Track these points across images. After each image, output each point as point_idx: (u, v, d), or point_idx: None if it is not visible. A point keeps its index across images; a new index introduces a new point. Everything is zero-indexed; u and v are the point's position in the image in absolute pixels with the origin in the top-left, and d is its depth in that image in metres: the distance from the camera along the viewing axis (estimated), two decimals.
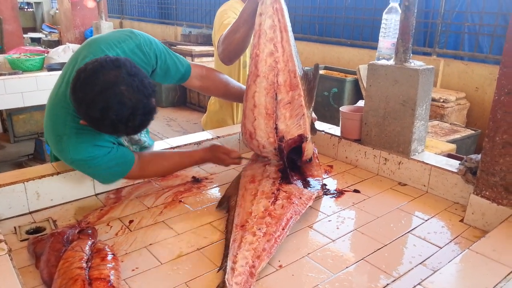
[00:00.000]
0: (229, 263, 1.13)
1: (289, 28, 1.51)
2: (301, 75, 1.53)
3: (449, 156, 2.65)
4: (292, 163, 1.65)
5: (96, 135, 1.38)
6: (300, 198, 1.43)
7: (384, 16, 1.66)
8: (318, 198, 1.56)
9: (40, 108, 4.50)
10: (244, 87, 1.73)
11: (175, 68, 1.61)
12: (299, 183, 1.55)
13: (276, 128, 1.54)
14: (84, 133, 1.36)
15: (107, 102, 1.19)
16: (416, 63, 1.62)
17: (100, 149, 1.41)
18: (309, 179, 1.61)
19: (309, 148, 1.61)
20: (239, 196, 1.45)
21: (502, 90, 1.26)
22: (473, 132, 3.74)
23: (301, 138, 1.56)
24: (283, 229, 1.28)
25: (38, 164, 3.90)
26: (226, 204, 1.50)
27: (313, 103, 1.59)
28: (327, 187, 1.67)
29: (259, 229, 1.25)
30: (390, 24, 1.63)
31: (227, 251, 1.20)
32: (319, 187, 1.58)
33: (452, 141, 3.51)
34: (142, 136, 1.65)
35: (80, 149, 1.38)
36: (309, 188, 1.55)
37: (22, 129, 4.70)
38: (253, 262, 1.13)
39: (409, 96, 1.60)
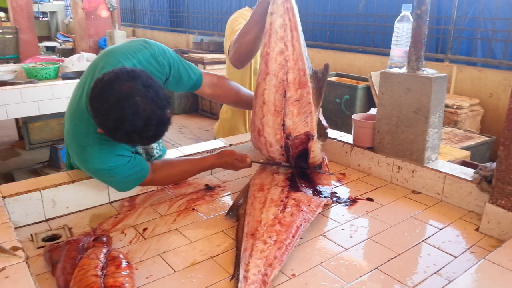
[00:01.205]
0: (242, 272, 1.13)
1: (300, 28, 1.54)
2: (311, 74, 1.55)
3: (463, 163, 2.62)
4: (301, 172, 1.65)
5: (117, 144, 1.41)
6: (309, 205, 1.43)
7: (396, 24, 1.66)
8: (327, 206, 1.56)
9: (55, 116, 4.57)
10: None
11: (187, 76, 1.64)
12: (308, 191, 1.55)
13: (283, 125, 1.56)
14: (106, 143, 1.39)
15: (122, 113, 1.22)
16: (429, 71, 1.61)
17: (122, 158, 1.44)
18: (319, 187, 1.61)
19: (316, 149, 1.61)
20: (248, 205, 1.46)
21: None
22: (487, 138, 3.70)
23: (308, 137, 1.57)
24: (293, 236, 1.28)
25: (53, 171, 3.98)
26: (235, 212, 1.51)
27: (321, 102, 1.60)
28: (338, 195, 1.67)
29: (270, 237, 1.26)
30: (402, 33, 1.63)
31: (239, 259, 1.21)
32: (328, 195, 1.58)
33: (466, 148, 3.47)
34: (155, 145, 1.68)
35: (104, 159, 1.41)
36: (319, 196, 1.55)
37: (37, 137, 4.77)
38: (265, 270, 1.14)
39: (422, 104, 1.59)
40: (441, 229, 1.43)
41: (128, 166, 1.46)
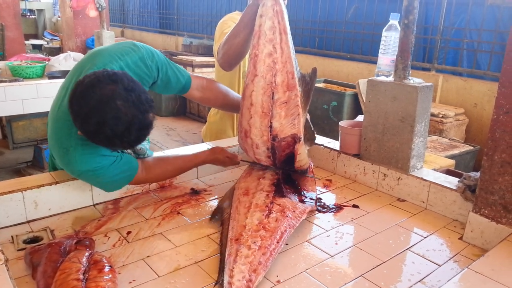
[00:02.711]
0: (226, 278, 1.12)
1: (288, 31, 1.54)
2: (299, 77, 1.56)
3: (448, 171, 2.65)
4: (286, 177, 1.65)
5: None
6: (294, 211, 1.43)
7: (384, 33, 1.67)
8: (312, 212, 1.56)
9: (39, 115, 4.50)
10: None
11: (176, 79, 1.63)
12: (293, 197, 1.55)
13: (270, 127, 1.56)
14: (90, 144, 1.36)
15: (102, 117, 1.20)
16: (415, 80, 1.63)
17: (107, 158, 1.42)
18: (304, 192, 1.62)
19: (302, 152, 1.61)
20: (232, 209, 1.45)
21: (500, 109, 1.27)
22: (472, 148, 3.76)
23: (294, 140, 1.57)
24: (277, 242, 1.28)
25: (37, 171, 3.92)
26: (219, 216, 1.50)
27: (308, 105, 1.61)
28: (323, 201, 1.67)
29: (254, 242, 1.25)
30: (390, 41, 1.65)
31: (223, 265, 1.20)
32: (313, 202, 1.58)
33: (451, 157, 3.52)
34: (143, 146, 1.66)
35: (87, 160, 1.39)
36: (304, 202, 1.55)
37: (21, 136, 4.69)
38: (249, 276, 1.13)
39: (408, 113, 1.61)
40: (425, 237, 1.44)
41: (114, 166, 1.44)
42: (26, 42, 8.50)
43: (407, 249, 1.37)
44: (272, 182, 1.59)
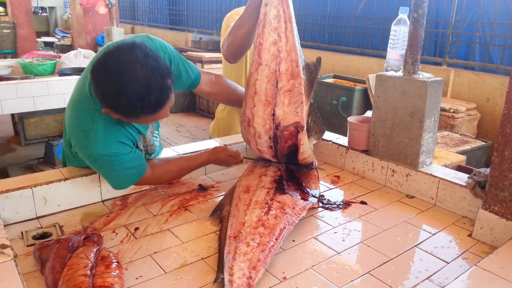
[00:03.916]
0: (226, 276, 1.12)
1: (293, 19, 1.54)
2: (303, 66, 1.55)
3: (459, 167, 2.62)
4: (289, 174, 1.64)
5: (121, 131, 1.44)
6: (294, 208, 1.43)
7: (393, 27, 1.65)
8: (314, 208, 1.55)
9: (51, 112, 4.55)
10: None
11: (186, 74, 1.67)
12: (294, 194, 1.54)
13: (273, 115, 1.55)
14: (111, 130, 1.41)
15: (122, 81, 1.25)
16: (424, 75, 1.61)
17: (124, 147, 1.45)
18: (306, 189, 1.61)
19: (305, 142, 1.60)
20: (232, 206, 1.45)
21: (511, 104, 1.24)
22: (483, 143, 3.70)
23: (297, 129, 1.56)
24: (276, 239, 1.27)
25: (48, 167, 3.96)
26: (219, 213, 1.50)
27: (312, 94, 1.61)
28: (330, 198, 1.66)
29: (253, 239, 1.25)
30: (399, 36, 1.63)
31: (222, 262, 1.19)
32: (315, 199, 1.57)
33: (462, 152, 3.48)
34: (154, 142, 1.67)
35: (107, 144, 1.41)
36: (306, 199, 1.54)
37: (33, 133, 4.75)
38: (249, 273, 1.13)
39: (417, 108, 1.59)
40: (434, 234, 1.43)
41: (129, 157, 1.46)
42: (38, 39, 8.59)
43: (415, 246, 1.36)
44: (274, 179, 1.59)
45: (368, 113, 2.16)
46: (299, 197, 1.54)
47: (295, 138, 1.57)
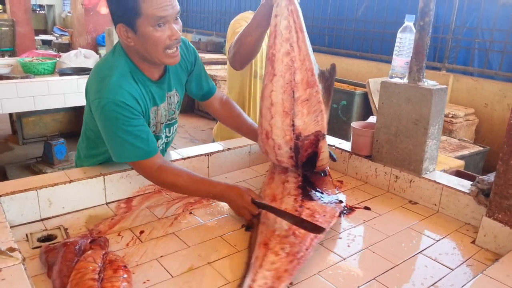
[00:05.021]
0: (248, 281, 1.11)
1: (304, 29, 1.55)
2: (318, 74, 1.55)
3: (457, 173, 2.64)
4: (305, 178, 1.64)
5: (135, 86, 1.44)
6: (324, 216, 1.42)
7: (399, 35, 1.67)
8: (339, 215, 1.54)
9: (49, 111, 4.54)
10: (255, 124, 1.83)
11: (206, 80, 1.75)
12: (321, 200, 1.53)
13: (293, 125, 1.55)
14: (126, 79, 1.43)
15: None
16: (429, 82, 1.62)
17: (134, 102, 1.41)
18: (326, 194, 1.61)
19: (326, 150, 1.61)
20: (262, 214, 1.44)
21: None
22: (481, 148, 3.73)
23: (317, 138, 1.56)
24: (306, 249, 1.26)
25: (47, 167, 3.95)
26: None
27: (330, 102, 1.60)
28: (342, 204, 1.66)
29: (282, 248, 1.24)
30: (405, 43, 1.64)
31: (248, 268, 1.18)
32: (341, 205, 1.56)
33: (460, 157, 3.50)
34: (163, 136, 1.68)
35: (118, 90, 1.39)
36: (330, 205, 1.53)
37: (31, 131, 4.74)
38: (272, 283, 1.11)
39: (422, 115, 1.60)
40: (437, 240, 1.44)
41: (138, 123, 1.42)
42: (36, 37, 8.55)
43: (419, 252, 1.37)
44: (297, 185, 1.58)
45: (371, 119, 2.18)
46: (326, 203, 1.52)
47: (315, 146, 1.57)
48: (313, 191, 1.58)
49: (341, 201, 1.57)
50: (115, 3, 1.39)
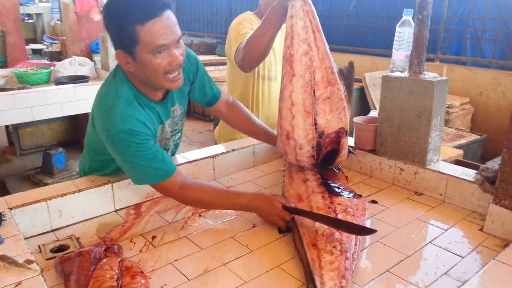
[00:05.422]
0: (318, 285, 1.11)
1: (320, 28, 1.56)
2: (337, 71, 1.57)
3: (457, 162, 2.67)
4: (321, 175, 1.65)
5: (141, 112, 1.42)
6: (357, 209, 1.43)
7: (398, 29, 1.68)
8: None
9: (46, 121, 4.52)
10: (264, 125, 1.85)
11: (209, 86, 1.72)
12: (345, 195, 1.54)
13: (315, 124, 1.56)
14: (132, 107, 1.40)
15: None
16: (430, 74, 1.64)
17: (143, 127, 1.39)
18: (345, 189, 1.61)
19: (347, 147, 1.63)
20: (295, 216, 1.43)
21: None
22: (478, 137, 3.77)
23: (339, 135, 1.58)
24: (355, 244, 1.27)
25: (47, 177, 3.93)
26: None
27: (352, 98, 1.62)
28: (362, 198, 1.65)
29: (334, 247, 1.24)
30: (404, 37, 1.66)
31: (309, 270, 1.18)
32: (358, 197, 1.56)
33: (458, 146, 3.54)
34: (172, 135, 1.67)
35: (128, 119, 1.37)
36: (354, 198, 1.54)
37: (28, 142, 4.71)
38: (340, 283, 1.11)
39: (425, 108, 1.62)
40: (446, 230, 1.46)
41: (148, 146, 1.40)
42: (26, 47, 8.50)
43: (429, 242, 1.39)
44: (318, 182, 1.59)
45: (372, 113, 2.20)
46: (352, 197, 1.52)
47: (336, 144, 1.58)
48: (335, 187, 1.59)
49: (360, 195, 1.58)
50: (114, 30, 1.37)
